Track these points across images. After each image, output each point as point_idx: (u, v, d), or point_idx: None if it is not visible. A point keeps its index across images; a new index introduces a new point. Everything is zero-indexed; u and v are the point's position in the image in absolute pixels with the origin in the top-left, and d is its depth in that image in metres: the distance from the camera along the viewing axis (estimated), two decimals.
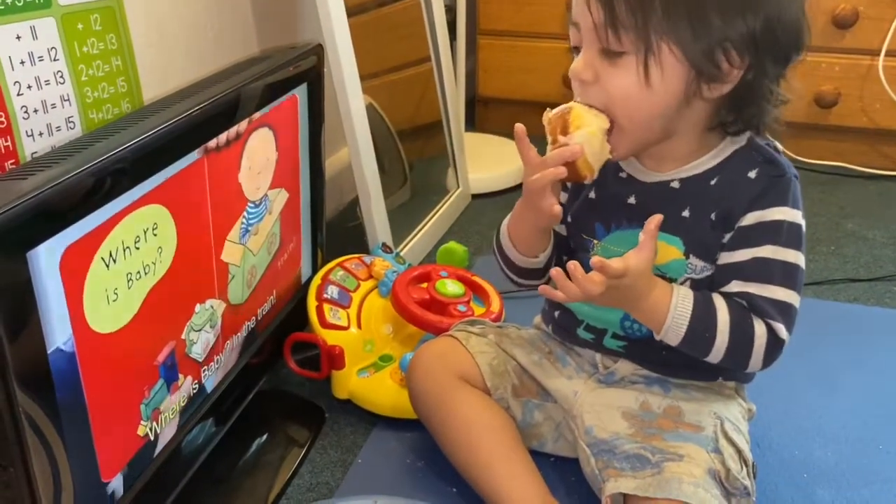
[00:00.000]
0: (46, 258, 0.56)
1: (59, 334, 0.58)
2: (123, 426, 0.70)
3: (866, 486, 0.88)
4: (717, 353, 0.76)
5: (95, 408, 0.64)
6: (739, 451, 0.78)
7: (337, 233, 1.31)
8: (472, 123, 1.96)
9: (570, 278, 0.72)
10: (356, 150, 1.16)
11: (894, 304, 1.24)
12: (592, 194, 0.83)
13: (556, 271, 0.73)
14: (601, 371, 0.87)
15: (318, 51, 0.95)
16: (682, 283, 0.79)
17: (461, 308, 1.04)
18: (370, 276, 1.10)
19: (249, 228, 0.86)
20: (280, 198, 0.92)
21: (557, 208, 0.77)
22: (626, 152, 0.77)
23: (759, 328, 0.75)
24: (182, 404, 0.78)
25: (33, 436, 0.58)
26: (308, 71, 0.93)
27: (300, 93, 0.92)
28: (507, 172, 1.64)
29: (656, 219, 0.72)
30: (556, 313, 0.90)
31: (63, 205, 0.57)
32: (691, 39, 0.69)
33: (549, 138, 0.75)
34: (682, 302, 0.75)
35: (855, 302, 1.25)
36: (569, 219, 0.86)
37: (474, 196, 1.62)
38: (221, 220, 0.80)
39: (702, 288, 0.79)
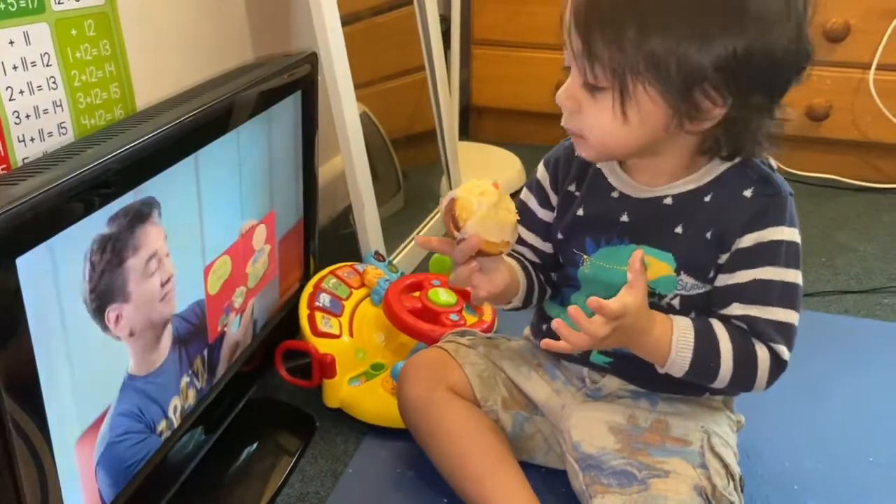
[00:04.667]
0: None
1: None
2: None
3: (857, 497, 0.88)
4: (721, 381, 0.76)
5: None
6: (726, 466, 0.78)
7: (329, 241, 1.31)
8: (465, 132, 1.97)
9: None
10: (350, 159, 1.16)
11: (885, 316, 1.24)
12: (581, 212, 0.82)
13: (558, 322, 0.71)
14: (588, 385, 0.86)
15: (313, 59, 0.95)
16: (671, 300, 0.79)
17: (453, 317, 1.04)
18: (362, 285, 1.10)
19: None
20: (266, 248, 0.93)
21: (485, 291, 0.77)
22: (596, 160, 0.80)
23: (762, 352, 0.75)
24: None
25: (21, 443, 0.57)
26: (302, 79, 0.94)
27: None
28: (501, 182, 1.64)
29: (639, 254, 0.72)
30: (545, 327, 0.89)
31: (54, 211, 0.56)
32: (666, 77, 0.67)
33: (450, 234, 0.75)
34: (683, 335, 0.75)
35: (846, 314, 1.25)
36: (559, 235, 0.85)
37: None
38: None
39: (692, 304, 0.78)
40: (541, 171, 0.88)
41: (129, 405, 0.72)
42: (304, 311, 1.01)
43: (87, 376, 0.64)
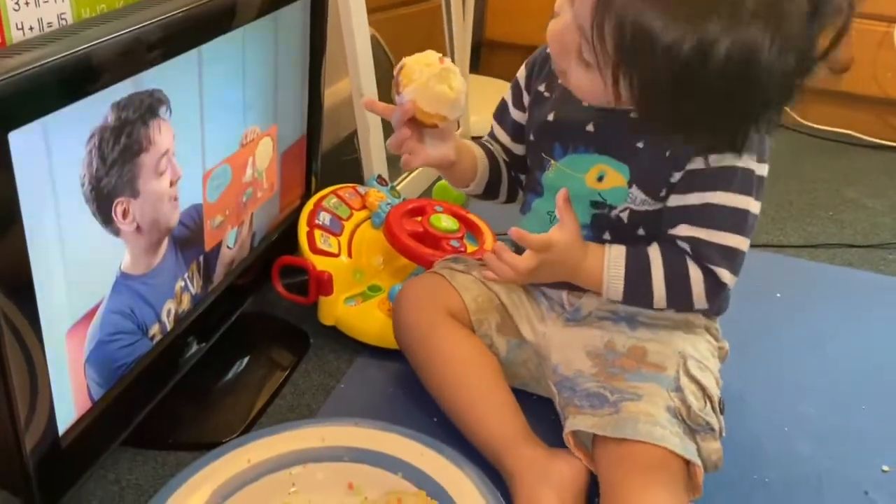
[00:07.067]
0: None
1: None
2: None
3: (847, 443, 0.88)
4: (659, 304, 0.79)
5: None
6: (703, 389, 0.77)
7: (332, 166, 1.28)
8: (476, 67, 1.93)
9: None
10: (357, 78, 1.13)
11: (889, 271, 1.23)
12: (551, 117, 0.83)
13: (487, 255, 0.78)
14: (568, 309, 0.86)
15: None
16: (621, 212, 0.80)
17: (454, 243, 1.02)
18: (364, 207, 1.08)
19: None
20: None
21: (418, 160, 0.80)
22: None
23: (696, 274, 0.77)
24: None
25: (8, 329, 0.56)
26: None
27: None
28: None
29: (563, 193, 0.76)
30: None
31: (50, 86, 0.54)
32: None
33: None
34: (615, 265, 0.78)
35: (850, 266, 1.24)
36: (531, 137, 0.86)
37: (474, 138, 1.58)
38: None
39: (640, 220, 0.80)
40: (520, 71, 0.89)
41: (121, 304, 0.71)
42: (303, 228, 1.00)
43: (79, 265, 0.64)
